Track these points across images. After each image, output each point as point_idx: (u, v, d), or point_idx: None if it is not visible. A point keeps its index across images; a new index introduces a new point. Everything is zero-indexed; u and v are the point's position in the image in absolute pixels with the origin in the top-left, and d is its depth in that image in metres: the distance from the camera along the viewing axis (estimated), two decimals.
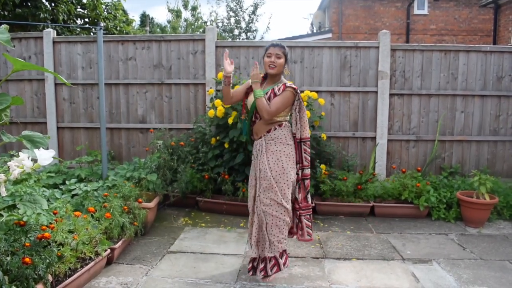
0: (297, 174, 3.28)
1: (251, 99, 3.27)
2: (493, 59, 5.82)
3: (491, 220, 4.99)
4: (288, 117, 3.32)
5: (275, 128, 3.23)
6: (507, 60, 5.82)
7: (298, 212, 3.31)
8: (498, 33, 13.64)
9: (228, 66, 3.17)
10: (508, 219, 5.06)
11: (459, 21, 16.04)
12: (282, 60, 3.18)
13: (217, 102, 4.98)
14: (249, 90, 3.31)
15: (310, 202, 3.34)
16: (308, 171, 3.31)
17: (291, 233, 3.40)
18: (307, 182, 3.31)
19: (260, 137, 3.27)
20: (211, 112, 5.06)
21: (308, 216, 3.34)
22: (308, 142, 3.29)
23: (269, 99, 3.15)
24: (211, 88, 5.68)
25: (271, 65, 3.17)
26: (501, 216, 5.10)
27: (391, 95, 5.84)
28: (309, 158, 3.32)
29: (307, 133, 3.27)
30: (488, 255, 3.97)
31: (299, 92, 3.22)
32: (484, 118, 5.90)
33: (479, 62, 5.83)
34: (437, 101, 5.87)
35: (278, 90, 3.18)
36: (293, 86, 3.18)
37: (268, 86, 3.25)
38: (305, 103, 5.08)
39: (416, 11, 16.05)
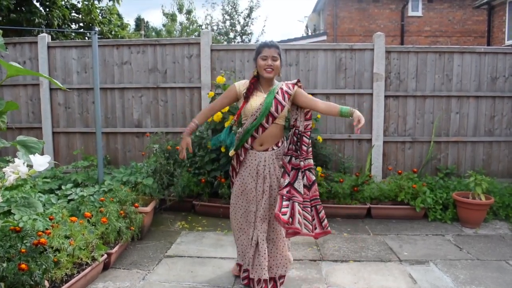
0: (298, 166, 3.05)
1: (255, 104, 2.97)
2: (487, 60, 5.85)
3: (487, 221, 5.01)
4: None
5: (283, 141, 3.13)
6: (501, 61, 5.85)
7: (310, 203, 3.05)
8: (492, 34, 13.72)
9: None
10: (504, 219, 5.08)
11: (453, 23, 16.13)
12: (278, 62, 2.95)
13: None
14: (249, 93, 3.01)
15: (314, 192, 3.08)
16: (310, 161, 3.07)
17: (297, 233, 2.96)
18: (308, 173, 3.06)
19: (267, 150, 3.04)
20: None
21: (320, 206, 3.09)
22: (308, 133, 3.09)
23: (283, 100, 2.96)
24: (210, 91, 5.66)
25: (268, 69, 2.92)
26: (497, 216, 5.12)
27: (386, 97, 5.86)
28: (309, 150, 3.08)
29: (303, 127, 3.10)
30: (485, 255, 3.98)
31: None
32: (479, 119, 5.92)
33: (474, 63, 5.86)
34: (432, 102, 5.89)
35: (288, 88, 3.02)
36: (295, 82, 3.08)
37: (268, 90, 3.02)
38: None
39: (410, 13, 16.13)
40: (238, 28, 21.66)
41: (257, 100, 2.99)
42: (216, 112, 3.15)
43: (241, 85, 3.07)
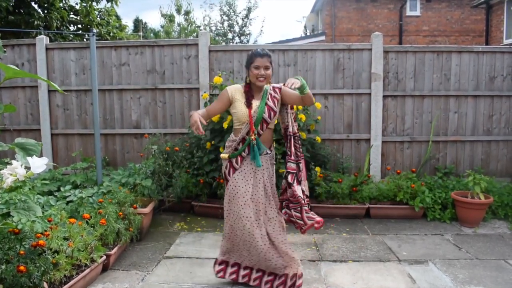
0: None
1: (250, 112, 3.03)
2: (485, 60, 5.86)
3: (486, 220, 5.01)
4: None
5: (273, 145, 3.25)
6: (499, 60, 5.86)
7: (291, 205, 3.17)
8: (490, 33, 13.76)
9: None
10: (503, 218, 5.09)
11: (451, 22, 16.15)
12: (270, 71, 3.03)
13: None
14: (250, 97, 3.05)
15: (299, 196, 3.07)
16: (291, 165, 3.11)
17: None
18: (289, 176, 3.10)
19: (261, 154, 3.06)
20: None
21: (298, 208, 3.12)
22: (298, 136, 3.21)
23: (274, 105, 3.06)
24: (205, 92, 5.67)
25: (260, 78, 2.99)
26: (496, 215, 5.13)
27: (384, 96, 5.86)
28: (298, 153, 3.16)
29: (296, 128, 3.22)
30: (484, 254, 3.99)
31: None
32: (478, 118, 5.93)
33: (472, 62, 5.87)
34: (430, 102, 5.90)
35: (275, 92, 3.10)
36: (281, 86, 3.15)
37: (259, 96, 3.09)
38: (301, 107, 5.08)
39: (408, 12, 16.15)
40: (236, 28, 21.68)
41: (252, 107, 3.06)
42: (211, 117, 3.19)
43: (233, 90, 3.11)
